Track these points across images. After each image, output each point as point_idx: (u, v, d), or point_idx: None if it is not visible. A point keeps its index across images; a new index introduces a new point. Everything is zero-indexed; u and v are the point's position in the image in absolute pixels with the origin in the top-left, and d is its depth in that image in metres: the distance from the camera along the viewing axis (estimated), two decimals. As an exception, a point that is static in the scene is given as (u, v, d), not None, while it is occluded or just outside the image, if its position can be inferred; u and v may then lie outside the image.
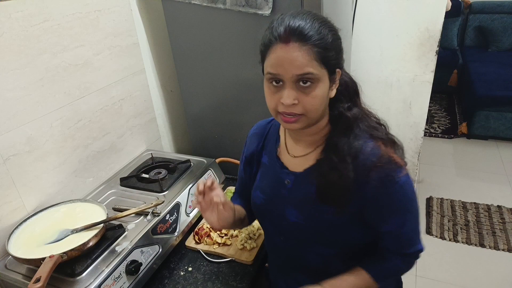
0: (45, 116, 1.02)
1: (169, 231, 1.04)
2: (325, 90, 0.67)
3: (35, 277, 0.75)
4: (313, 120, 0.70)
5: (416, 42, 1.59)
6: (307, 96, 0.66)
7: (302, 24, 0.64)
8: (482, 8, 3.65)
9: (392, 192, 0.70)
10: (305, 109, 0.67)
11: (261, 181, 0.86)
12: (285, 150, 0.82)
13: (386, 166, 0.69)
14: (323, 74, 0.66)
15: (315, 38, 0.63)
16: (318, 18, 0.66)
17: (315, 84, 0.65)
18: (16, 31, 0.92)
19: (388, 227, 0.74)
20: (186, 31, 1.26)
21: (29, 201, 1.00)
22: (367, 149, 0.70)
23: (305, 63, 0.63)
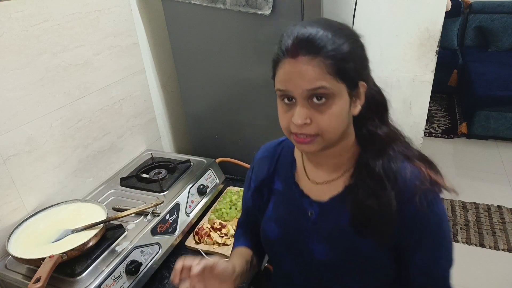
0: (45, 116, 1.02)
1: (169, 231, 1.04)
2: (343, 107, 0.59)
3: (35, 277, 0.75)
4: (331, 141, 0.62)
5: (416, 42, 1.59)
6: (322, 114, 0.58)
7: (312, 34, 0.57)
8: (482, 8, 3.65)
9: (431, 218, 0.64)
10: (320, 129, 0.59)
11: (275, 212, 0.76)
12: (304, 176, 0.73)
13: (431, 189, 0.63)
14: (340, 89, 0.58)
15: (327, 48, 0.56)
16: (332, 25, 0.59)
17: (330, 101, 0.58)
18: (16, 31, 0.92)
19: (420, 258, 0.66)
20: (186, 31, 1.26)
21: (29, 201, 1.00)
22: (406, 171, 0.63)
23: (316, 77, 0.56)
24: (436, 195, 0.63)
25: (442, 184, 0.65)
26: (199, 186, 1.20)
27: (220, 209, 1.19)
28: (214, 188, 1.26)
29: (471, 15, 3.73)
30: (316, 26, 0.58)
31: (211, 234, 1.08)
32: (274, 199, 0.77)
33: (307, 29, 0.57)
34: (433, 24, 1.54)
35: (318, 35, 0.57)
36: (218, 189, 1.28)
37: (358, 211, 0.64)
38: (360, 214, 0.64)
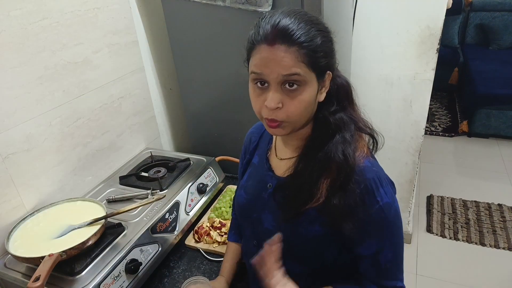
0: (44, 114, 1.02)
1: (169, 229, 1.04)
2: (312, 94, 0.64)
3: (35, 276, 0.75)
4: (298, 125, 0.67)
5: (416, 40, 1.59)
6: (293, 100, 0.63)
7: (289, 25, 0.60)
8: (483, 6, 3.64)
9: (372, 212, 0.65)
10: (289, 115, 0.63)
11: (247, 181, 0.84)
12: (274, 152, 0.80)
13: (369, 182, 0.65)
14: (311, 77, 0.63)
15: (302, 39, 0.60)
16: (308, 18, 0.62)
17: (302, 88, 0.62)
18: (15, 29, 0.91)
19: (364, 250, 0.69)
20: (185, 28, 1.26)
21: (28, 200, 1.00)
22: (348, 160, 0.66)
23: (292, 64, 0.60)
24: (375, 188, 0.65)
25: (383, 180, 0.67)
26: (199, 184, 1.19)
27: (220, 207, 1.18)
28: (214, 187, 1.26)
29: (472, 13, 3.72)
30: (294, 17, 0.61)
31: (210, 232, 1.08)
32: (249, 171, 0.86)
33: (286, 20, 0.61)
34: (434, 22, 1.53)
35: (296, 26, 0.60)
36: (217, 187, 1.28)
37: (293, 193, 0.70)
38: (294, 196, 0.69)
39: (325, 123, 0.69)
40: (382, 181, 0.66)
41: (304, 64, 0.61)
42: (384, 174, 0.69)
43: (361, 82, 1.75)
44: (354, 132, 0.69)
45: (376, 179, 0.66)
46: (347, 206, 0.65)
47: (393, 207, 0.67)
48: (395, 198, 0.68)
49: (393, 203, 0.67)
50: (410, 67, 1.65)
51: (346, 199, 0.65)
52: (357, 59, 1.69)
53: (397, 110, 1.76)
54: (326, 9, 1.11)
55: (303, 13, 0.63)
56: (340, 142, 0.67)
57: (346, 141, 0.67)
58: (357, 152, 0.67)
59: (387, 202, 0.66)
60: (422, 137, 1.79)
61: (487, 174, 2.68)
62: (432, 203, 2.42)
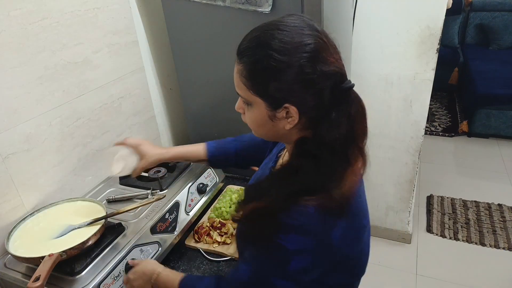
0: (44, 114, 1.02)
1: (169, 229, 1.04)
2: (259, 117, 0.61)
3: (35, 276, 0.75)
4: (259, 136, 0.68)
5: (416, 40, 1.59)
6: (247, 112, 0.65)
7: (244, 42, 0.59)
8: (483, 6, 3.64)
9: (269, 244, 0.61)
10: (247, 123, 0.67)
11: (260, 170, 0.86)
12: (283, 155, 0.80)
13: (287, 220, 0.58)
14: (255, 101, 0.60)
15: (246, 59, 0.58)
16: (265, 40, 0.56)
17: (249, 106, 0.63)
18: (15, 29, 0.91)
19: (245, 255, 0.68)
20: (185, 28, 1.26)
21: (28, 200, 1.00)
22: (273, 204, 0.60)
23: (236, 83, 0.61)
24: (292, 229, 0.58)
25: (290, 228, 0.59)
26: (199, 184, 1.19)
27: (220, 207, 1.18)
28: (214, 187, 1.26)
29: (472, 13, 3.72)
30: (257, 32, 0.58)
31: (210, 232, 1.08)
32: (265, 160, 0.87)
33: (249, 34, 0.59)
34: (434, 21, 1.53)
35: (246, 45, 0.59)
36: (217, 187, 1.28)
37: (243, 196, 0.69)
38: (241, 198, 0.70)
39: (292, 157, 0.66)
40: (304, 231, 0.58)
41: (245, 86, 0.60)
42: (318, 230, 0.59)
43: (361, 82, 1.75)
44: (312, 191, 0.59)
45: (298, 224, 0.58)
46: (250, 233, 0.64)
47: (285, 256, 0.59)
48: (301, 257, 0.59)
49: (289, 254, 0.59)
50: (410, 67, 1.65)
51: (253, 228, 0.63)
52: (357, 59, 1.69)
53: (397, 110, 1.77)
54: (326, 9, 1.11)
55: (269, 32, 0.56)
56: (284, 186, 0.60)
57: (288, 190, 0.59)
58: (304, 199, 0.58)
59: (285, 246, 0.58)
60: (422, 137, 1.79)
61: (487, 174, 2.68)
62: (432, 203, 2.42)
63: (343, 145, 0.58)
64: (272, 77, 0.56)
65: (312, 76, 0.55)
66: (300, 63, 0.55)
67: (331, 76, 0.57)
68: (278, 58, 0.55)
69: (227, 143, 1.01)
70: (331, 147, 0.58)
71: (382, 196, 2.04)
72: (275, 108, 0.59)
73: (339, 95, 0.58)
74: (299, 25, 0.56)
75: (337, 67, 0.58)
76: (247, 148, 0.99)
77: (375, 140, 1.86)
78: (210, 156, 0.99)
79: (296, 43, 0.55)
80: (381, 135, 1.84)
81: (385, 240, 2.16)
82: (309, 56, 0.55)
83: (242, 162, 1.02)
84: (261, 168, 0.87)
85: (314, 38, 0.56)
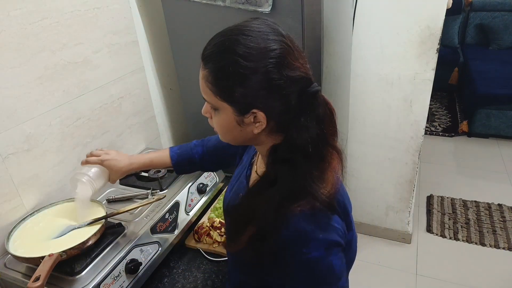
0: (44, 114, 1.02)
1: (169, 229, 1.04)
2: (227, 122, 0.60)
3: (35, 276, 0.74)
4: (227, 141, 0.66)
5: (416, 39, 1.59)
6: (214, 117, 0.63)
7: (210, 46, 0.58)
8: (483, 5, 3.64)
9: (296, 263, 0.59)
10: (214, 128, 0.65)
11: (234, 178, 0.82)
12: (255, 164, 0.76)
13: (298, 233, 0.57)
14: (221, 106, 0.59)
15: (211, 65, 0.57)
16: (230, 44, 0.55)
17: (216, 111, 0.61)
18: (15, 29, 0.91)
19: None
20: (185, 28, 1.26)
21: (28, 200, 1.00)
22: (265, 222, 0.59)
23: (202, 88, 0.60)
24: (309, 237, 0.58)
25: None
26: (199, 184, 1.19)
27: (220, 207, 1.18)
28: (214, 187, 1.26)
29: (472, 13, 3.72)
30: (221, 37, 0.57)
31: (210, 232, 1.08)
32: (238, 169, 0.84)
33: (214, 39, 0.58)
34: (434, 21, 1.53)
35: (212, 48, 0.57)
36: (217, 187, 1.28)
37: (227, 226, 0.68)
38: (227, 229, 0.68)
39: (267, 168, 0.63)
40: (316, 232, 0.58)
41: (211, 91, 0.58)
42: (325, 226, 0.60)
43: (361, 82, 1.75)
44: (295, 196, 0.58)
45: (309, 230, 0.58)
46: (263, 258, 0.61)
47: (324, 262, 0.58)
48: (333, 252, 0.59)
49: (325, 257, 0.58)
50: (410, 67, 1.65)
51: (263, 252, 0.60)
52: (357, 59, 1.69)
53: (397, 110, 1.76)
54: (326, 9, 1.11)
55: (234, 37, 0.55)
56: (266, 201, 0.58)
57: (272, 202, 0.58)
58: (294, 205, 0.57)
59: (315, 255, 0.58)
60: (422, 137, 1.79)
61: (487, 174, 2.68)
62: (432, 203, 2.42)
63: (315, 146, 0.58)
64: (238, 83, 0.55)
65: (278, 81, 0.55)
66: (266, 69, 0.54)
67: (298, 81, 0.57)
68: (243, 64, 0.54)
69: (190, 149, 0.97)
70: (303, 150, 0.58)
71: (382, 196, 2.04)
72: (243, 114, 0.58)
73: (306, 100, 0.58)
74: (263, 30, 0.56)
75: (303, 72, 0.57)
76: (213, 152, 0.95)
77: (375, 140, 1.86)
78: (174, 163, 0.95)
79: (262, 48, 0.54)
80: (381, 135, 1.84)
81: (385, 240, 2.16)
82: (275, 61, 0.54)
83: (209, 166, 0.99)
84: (235, 178, 0.82)
85: (279, 44, 0.55)
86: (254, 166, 0.76)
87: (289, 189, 0.58)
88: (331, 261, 0.59)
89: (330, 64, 1.27)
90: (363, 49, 1.67)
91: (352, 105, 1.81)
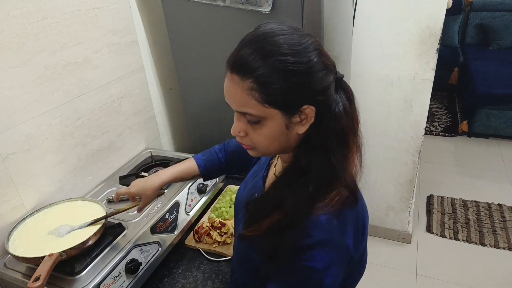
0: (44, 114, 1.02)
1: (169, 229, 1.04)
2: (277, 128, 0.58)
3: (35, 276, 0.74)
4: (268, 153, 0.64)
5: (416, 39, 1.59)
6: (255, 131, 0.59)
7: (247, 55, 0.54)
8: (483, 6, 3.64)
9: (294, 268, 0.58)
10: (254, 143, 0.61)
11: (249, 177, 0.82)
12: (274, 165, 0.75)
13: (307, 238, 0.57)
14: (270, 114, 0.56)
15: (255, 74, 0.54)
16: (271, 49, 0.54)
17: (262, 122, 0.57)
18: (15, 28, 0.91)
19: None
20: (185, 28, 1.26)
21: (28, 200, 1.00)
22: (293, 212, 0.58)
23: (242, 102, 0.56)
24: (316, 245, 0.57)
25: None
26: (199, 184, 1.19)
27: (220, 207, 1.18)
28: (214, 187, 1.25)
29: (472, 13, 3.72)
30: (255, 44, 0.55)
31: (210, 232, 1.08)
32: (255, 168, 0.84)
33: (247, 48, 0.55)
34: (434, 21, 1.53)
35: (251, 57, 0.54)
36: (217, 187, 1.28)
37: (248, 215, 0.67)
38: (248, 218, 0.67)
39: (297, 159, 0.62)
40: (325, 244, 0.57)
41: (257, 102, 0.55)
42: (336, 238, 0.58)
43: (361, 81, 1.75)
44: (327, 183, 0.58)
45: (318, 239, 0.57)
46: (276, 249, 0.60)
47: (317, 276, 0.57)
48: (330, 271, 0.57)
49: (320, 272, 0.57)
50: (410, 67, 1.65)
51: (279, 243, 0.60)
52: (357, 59, 1.69)
53: (397, 110, 1.76)
54: (326, 9, 1.11)
55: (270, 40, 0.55)
56: (298, 189, 0.59)
57: (305, 191, 0.58)
58: (320, 203, 0.58)
59: (313, 266, 0.56)
60: (422, 137, 1.79)
61: (487, 174, 2.68)
62: (432, 203, 2.42)
63: (346, 133, 0.59)
64: (290, 82, 0.54)
65: (323, 71, 0.56)
66: (313, 61, 0.55)
67: (333, 68, 0.58)
68: (293, 61, 0.54)
69: (215, 154, 0.96)
70: (337, 136, 0.58)
71: (382, 196, 2.04)
72: (292, 114, 0.57)
73: (338, 86, 0.60)
74: (286, 29, 0.56)
75: (332, 60, 0.59)
76: (235, 155, 0.94)
77: (375, 140, 1.86)
78: (202, 170, 0.94)
79: (302, 43, 0.55)
80: (381, 135, 1.84)
81: (385, 240, 2.16)
82: (317, 52, 0.56)
83: (233, 170, 0.98)
84: (251, 177, 0.82)
85: (309, 36, 0.57)
86: (273, 168, 0.75)
87: (323, 176, 0.58)
88: (324, 279, 0.57)
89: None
90: (363, 49, 1.67)
91: (352, 105, 1.81)
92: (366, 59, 1.69)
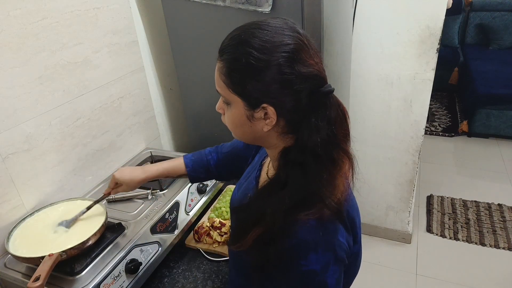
0: (44, 114, 1.02)
1: (169, 229, 1.04)
2: (237, 117, 0.60)
3: (35, 276, 0.74)
4: (238, 137, 0.66)
5: (416, 39, 1.59)
6: (226, 112, 0.63)
7: (229, 36, 0.59)
8: (483, 5, 3.64)
9: (291, 275, 0.58)
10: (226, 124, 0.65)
11: (243, 178, 0.82)
12: (267, 165, 0.75)
13: (299, 243, 0.57)
14: (233, 100, 0.59)
15: (226, 56, 0.58)
16: (246, 38, 0.56)
17: (228, 106, 0.61)
18: (15, 28, 0.91)
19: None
20: (185, 28, 1.26)
21: (28, 200, 1.00)
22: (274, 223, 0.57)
23: (217, 81, 0.61)
24: (309, 249, 0.56)
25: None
26: (199, 184, 1.19)
27: (220, 207, 1.18)
28: (214, 187, 1.25)
29: (472, 13, 3.72)
30: (238, 31, 0.58)
31: (210, 232, 1.08)
32: (248, 169, 0.83)
33: (232, 33, 0.59)
34: (433, 21, 1.53)
35: (227, 43, 0.58)
36: (217, 187, 1.28)
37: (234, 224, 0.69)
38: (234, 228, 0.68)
39: (279, 169, 0.62)
40: (318, 245, 0.57)
41: (224, 84, 0.59)
42: (327, 238, 0.58)
43: (361, 81, 1.75)
44: (304, 201, 0.57)
45: (310, 241, 0.57)
46: (267, 259, 0.60)
47: (318, 278, 0.57)
48: (330, 271, 0.58)
49: (320, 274, 0.57)
50: (410, 67, 1.65)
51: (268, 253, 0.59)
52: (357, 59, 1.69)
53: (397, 110, 1.76)
54: (326, 9, 1.11)
55: (250, 31, 0.56)
56: (277, 202, 0.57)
57: (282, 204, 0.56)
58: (300, 216, 0.57)
59: (312, 269, 0.56)
60: (422, 137, 1.79)
61: (487, 174, 2.68)
62: (432, 203, 2.42)
63: (326, 149, 0.57)
64: (251, 75, 0.56)
65: (290, 76, 0.55)
66: (278, 62, 0.54)
67: (310, 78, 0.56)
68: (257, 56, 0.54)
69: (204, 155, 0.95)
70: (313, 153, 0.56)
71: (382, 196, 2.04)
72: (253, 108, 0.58)
73: (318, 99, 0.57)
74: (280, 26, 0.56)
75: (316, 70, 0.57)
76: (228, 157, 0.93)
77: (375, 140, 1.86)
78: (189, 170, 0.93)
79: (276, 42, 0.55)
80: (381, 135, 1.84)
81: (385, 240, 2.16)
82: (288, 56, 0.54)
83: (224, 174, 0.96)
84: (245, 178, 0.82)
85: (294, 39, 0.55)
86: (265, 167, 0.75)
87: (299, 193, 0.57)
88: (326, 280, 0.57)
89: (330, 64, 1.27)
90: (363, 49, 1.67)
91: (352, 105, 1.81)
92: (366, 59, 1.69)
